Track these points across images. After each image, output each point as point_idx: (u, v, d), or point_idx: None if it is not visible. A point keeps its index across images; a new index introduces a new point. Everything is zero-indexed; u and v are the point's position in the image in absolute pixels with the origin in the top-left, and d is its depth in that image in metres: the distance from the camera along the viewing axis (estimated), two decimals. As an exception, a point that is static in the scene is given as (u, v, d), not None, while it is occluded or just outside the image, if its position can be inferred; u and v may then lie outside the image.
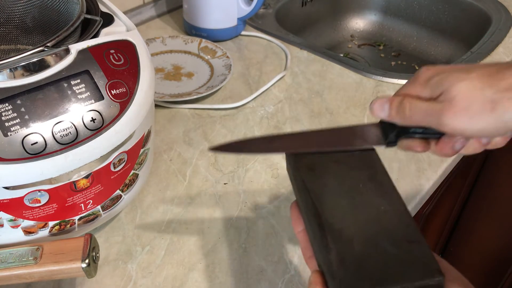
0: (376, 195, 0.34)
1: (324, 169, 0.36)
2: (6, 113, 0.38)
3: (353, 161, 0.37)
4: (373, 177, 0.36)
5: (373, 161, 0.37)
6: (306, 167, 0.37)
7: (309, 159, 0.37)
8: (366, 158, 0.37)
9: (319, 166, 0.37)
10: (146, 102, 0.45)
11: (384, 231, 0.32)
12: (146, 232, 0.54)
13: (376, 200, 0.34)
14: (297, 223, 0.37)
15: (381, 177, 0.36)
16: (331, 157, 0.37)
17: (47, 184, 0.41)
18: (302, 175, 0.36)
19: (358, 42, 1.14)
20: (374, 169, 0.36)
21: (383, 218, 0.33)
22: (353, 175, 0.36)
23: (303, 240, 0.36)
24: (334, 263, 0.30)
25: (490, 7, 0.99)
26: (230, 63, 0.77)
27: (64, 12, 0.51)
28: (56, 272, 0.39)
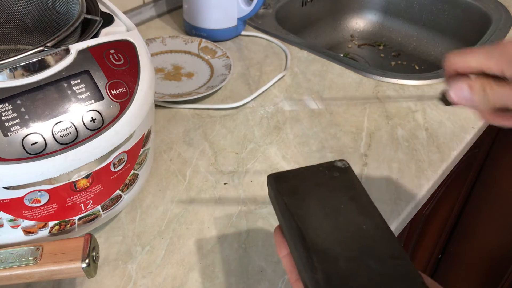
0: (358, 214, 0.36)
1: (306, 192, 0.38)
2: (6, 113, 0.38)
3: (333, 183, 0.38)
4: (354, 198, 0.37)
5: (353, 182, 0.38)
6: (288, 191, 0.38)
7: (291, 183, 0.38)
8: (345, 179, 0.39)
9: (300, 190, 0.38)
10: (146, 102, 0.45)
11: (368, 249, 0.33)
12: (146, 232, 0.54)
13: (358, 219, 0.35)
14: (282, 248, 0.37)
15: (361, 197, 0.37)
16: (312, 180, 0.38)
17: (47, 184, 0.41)
18: (285, 199, 0.37)
19: (358, 42, 1.14)
20: (353, 190, 0.38)
21: (366, 236, 0.34)
22: (334, 196, 0.37)
23: (288, 264, 0.36)
24: (320, 282, 0.31)
25: (490, 7, 0.99)
26: (230, 63, 0.77)
27: (64, 12, 0.51)
28: (56, 272, 0.39)
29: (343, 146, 0.65)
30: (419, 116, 0.71)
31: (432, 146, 0.65)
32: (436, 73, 0.80)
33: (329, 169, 0.39)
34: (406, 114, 0.71)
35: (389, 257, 0.33)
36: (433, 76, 0.79)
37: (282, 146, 0.65)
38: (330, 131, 0.68)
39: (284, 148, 0.65)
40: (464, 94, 0.35)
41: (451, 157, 0.64)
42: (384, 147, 0.65)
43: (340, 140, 0.66)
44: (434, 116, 0.71)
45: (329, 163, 0.40)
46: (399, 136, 0.67)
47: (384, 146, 0.65)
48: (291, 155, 0.64)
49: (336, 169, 0.39)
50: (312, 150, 0.65)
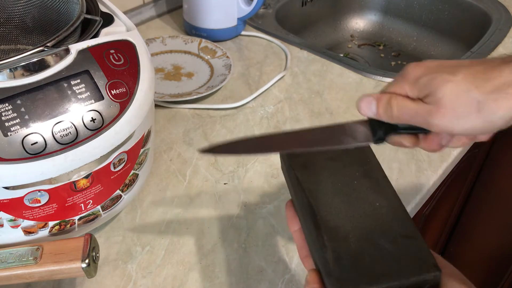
0: (371, 191, 0.35)
1: (318, 167, 0.37)
2: (6, 113, 0.38)
3: (347, 158, 0.37)
4: (368, 174, 0.36)
5: (368, 157, 0.37)
6: (301, 165, 0.37)
7: (303, 157, 0.37)
8: (360, 154, 0.37)
9: (313, 164, 0.37)
10: (146, 102, 0.45)
11: (380, 227, 0.32)
12: (146, 232, 0.54)
13: (371, 196, 0.34)
14: (293, 222, 0.37)
15: (376, 173, 0.36)
16: (325, 155, 0.37)
17: (47, 184, 0.41)
18: (297, 173, 0.36)
19: (358, 42, 1.14)
20: (368, 165, 0.37)
21: (378, 214, 0.33)
22: (348, 172, 0.36)
23: (298, 240, 0.36)
24: (330, 261, 0.30)
25: (490, 7, 0.99)
26: (230, 63, 0.77)
27: (64, 12, 0.51)
28: (56, 272, 0.39)
29: (343, 146, 0.65)
30: (419, 116, 0.70)
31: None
32: (436, 73, 0.80)
33: None
34: (406, 114, 0.71)
35: (401, 236, 0.31)
36: (433, 76, 0.79)
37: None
38: (330, 131, 0.68)
39: (284, 148, 0.65)
40: (371, 106, 0.37)
41: (451, 157, 0.64)
42: (384, 147, 0.65)
43: (340, 140, 0.66)
44: (434, 116, 0.70)
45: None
46: (399, 136, 0.67)
47: (384, 146, 0.65)
48: (291, 155, 0.64)
49: None
50: (312, 150, 0.64)
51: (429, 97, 0.33)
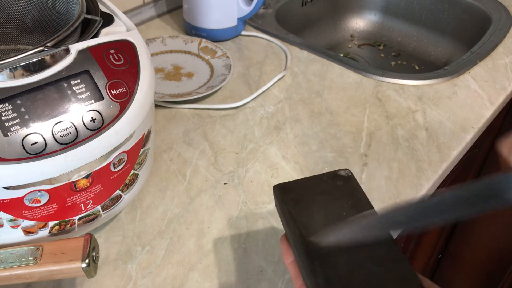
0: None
1: (309, 201, 0.39)
2: (6, 113, 0.38)
3: (336, 192, 0.40)
4: (355, 205, 0.38)
5: (355, 190, 0.40)
6: (293, 200, 0.39)
7: (295, 192, 0.40)
8: (348, 188, 0.40)
9: (305, 198, 0.39)
10: (146, 102, 0.45)
11: (368, 253, 0.35)
12: (146, 232, 0.54)
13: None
14: (287, 255, 0.38)
15: (363, 205, 0.39)
16: (315, 189, 0.40)
17: (47, 184, 0.41)
18: (289, 207, 0.39)
19: (358, 42, 1.14)
20: (355, 197, 0.39)
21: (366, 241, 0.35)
22: (337, 204, 0.39)
23: (293, 270, 0.38)
24: (322, 286, 0.33)
25: (490, 7, 0.99)
26: (230, 63, 0.77)
27: (64, 12, 0.51)
28: (56, 272, 0.39)
29: (343, 146, 0.65)
30: (419, 116, 0.71)
31: (432, 146, 0.65)
32: (436, 73, 0.80)
33: (333, 178, 0.41)
34: (406, 114, 0.71)
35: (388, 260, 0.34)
36: (433, 76, 0.79)
37: (282, 146, 0.65)
38: (330, 131, 0.68)
39: (284, 148, 0.65)
40: None
41: (451, 157, 0.64)
42: (384, 147, 0.65)
43: (340, 140, 0.66)
44: (434, 116, 0.71)
45: (333, 173, 0.41)
46: (399, 136, 0.67)
47: (384, 146, 0.65)
48: (291, 155, 0.64)
49: (339, 178, 0.41)
50: (312, 150, 0.65)
51: None
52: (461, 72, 0.80)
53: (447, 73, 0.79)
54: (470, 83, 0.78)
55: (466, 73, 0.80)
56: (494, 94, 0.75)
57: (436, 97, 0.74)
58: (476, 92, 0.76)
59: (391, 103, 0.73)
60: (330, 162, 0.62)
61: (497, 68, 0.82)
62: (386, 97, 0.74)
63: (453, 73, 0.79)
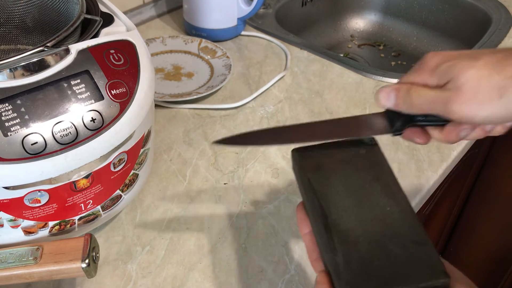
0: (382, 195, 0.34)
1: (330, 169, 0.36)
2: (6, 113, 0.38)
3: (359, 161, 0.37)
4: (379, 178, 0.36)
5: (379, 161, 0.37)
6: (313, 167, 0.36)
7: (315, 159, 0.37)
8: (371, 157, 0.37)
9: (325, 166, 0.36)
10: (146, 102, 0.45)
11: (390, 232, 0.32)
12: (146, 232, 0.54)
13: (382, 200, 0.34)
14: (303, 225, 0.36)
15: (387, 178, 0.36)
16: (337, 157, 0.37)
17: (47, 184, 0.41)
18: (309, 175, 0.36)
19: (358, 42, 1.14)
20: (380, 169, 0.36)
21: (389, 219, 0.33)
22: (360, 175, 0.36)
23: (308, 243, 0.36)
24: (340, 265, 0.31)
25: (490, 7, 0.99)
26: (230, 63, 0.77)
27: (64, 12, 0.51)
28: (56, 272, 0.39)
29: (343, 146, 0.65)
30: (419, 116, 0.70)
31: (432, 146, 0.65)
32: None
33: (356, 145, 0.38)
34: (406, 114, 0.71)
35: (411, 242, 0.32)
36: (433, 76, 0.79)
37: (282, 146, 0.65)
38: (330, 131, 0.68)
39: (284, 148, 0.65)
40: (390, 97, 0.37)
41: (451, 157, 0.64)
42: (384, 147, 0.65)
43: (340, 140, 0.66)
44: (434, 116, 0.70)
45: (357, 140, 0.38)
46: (399, 136, 0.67)
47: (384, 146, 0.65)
48: (291, 155, 0.64)
49: (363, 146, 0.38)
50: (312, 150, 0.65)
51: (449, 83, 0.33)
52: (461, 72, 0.80)
53: (447, 73, 0.79)
54: (470, 83, 0.78)
55: (466, 73, 0.80)
56: (494, 94, 0.75)
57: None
58: (476, 92, 0.76)
59: (391, 103, 0.73)
60: (330, 162, 0.62)
61: (497, 68, 0.81)
62: (386, 97, 0.74)
63: (453, 73, 0.79)
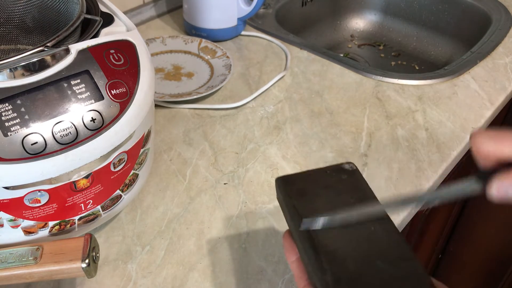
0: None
1: (314, 195, 0.38)
2: (6, 113, 0.38)
3: (341, 186, 0.38)
4: (362, 199, 0.37)
5: (360, 185, 0.39)
6: (297, 193, 0.38)
7: (299, 186, 0.38)
8: (353, 182, 0.39)
9: (309, 192, 0.38)
10: (146, 102, 0.45)
11: (377, 250, 0.34)
12: (146, 232, 0.54)
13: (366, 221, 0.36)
14: (291, 252, 0.37)
15: (369, 200, 0.37)
16: (320, 183, 0.39)
17: (47, 184, 0.41)
18: (294, 201, 0.37)
19: (358, 42, 1.14)
20: (362, 192, 0.38)
21: (374, 238, 0.34)
22: (342, 198, 0.37)
23: (296, 269, 0.36)
24: (330, 283, 0.32)
25: (490, 7, 0.99)
26: (230, 63, 0.77)
27: (64, 12, 0.51)
28: (56, 272, 0.39)
29: (343, 146, 0.65)
30: (419, 116, 0.71)
31: (432, 146, 0.65)
32: (436, 73, 0.80)
33: (337, 172, 0.40)
34: (406, 114, 0.71)
35: (397, 258, 0.33)
36: (433, 76, 0.79)
37: (282, 146, 0.65)
38: (330, 131, 0.68)
39: (284, 148, 0.65)
40: (508, 191, 0.30)
41: (451, 157, 0.64)
42: (384, 147, 0.65)
43: (340, 140, 0.66)
44: (434, 116, 0.71)
45: (337, 166, 0.40)
46: (399, 136, 0.67)
47: (384, 146, 0.65)
48: (291, 155, 0.64)
49: (343, 172, 0.40)
50: (312, 150, 0.65)
51: None
52: (461, 72, 0.80)
53: (447, 73, 0.79)
54: (470, 83, 0.78)
55: (466, 73, 0.80)
56: (494, 94, 0.75)
57: (436, 97, 0.74)
58: (476, 92, 0.76)
59: (391, 103, 0.73)
60: (330, 162, 0.62)
61: (497, 68, 0.82)
62: (386, 97, 0.74)
63: (453, 73, 0.79)
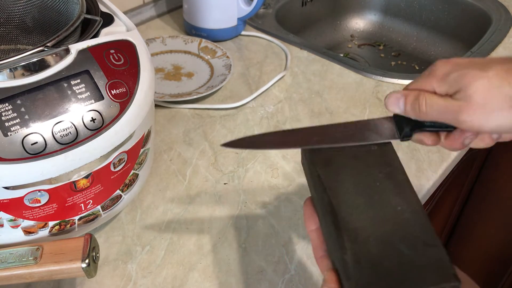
0: (393, 194, 0.34)
1: (341, 165, 0.36)
2: (6, 113, 0.38)
3: (370, 158, 0.36)
4: (391, 176, 0.35)
5: (391, 159, 0.36)
6: (323, 162, 0.36)
7: (326, 154, 0.36)
8: (383, 155, 0.37)
9: (336, 162, 0.36)
10: (146, 102, 0.45)
11: (401, 232, 0.32)
12: (146, 232, 0.54)
13: (393, 199, 0.33)
14: (311, 221, 0.36)
15: (399, 176, 0.35)
16: (348, 152, 0.36)
17: (47, 184, 0.41)
18: (319, 170, 0.35)
19: (358, 42, 1.14)
20: (391, 167, 0.36)
21: (399, 219, 0.32)
22: (371, 172, 0.35)
23: (315, 239, 0.35)
24: (349, 264, 0.30)
25: (490, 7, 0.99)
26: (230, 63, 0.77)
27: (64, 12, 0.51)
28: (56, 272, 0.39)
29: (343, 146, 0.65)
30: (419, 116, 0.70)
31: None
32: (436, 73, 0.80)
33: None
34: (406, 114, 0.71)
35: (422, 243, 0.31)
36: (433, 76, 0.79)
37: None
38: (330, 131, 0.68)
39: (284, 148, 0.65)
40: (399, 103, 0.37)
41: (451, 157, 0.64)
42: (384, 147, 0.65)
43: (340, 140, 0.66)
44: (434, 116, 0.70)
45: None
46: (399, 136, 0.67)
47: (384, 146, 0.65)
48: (291, 155, 0.64)
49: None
50: (312, 150, 0.64)
51: (459, 93, 0.33)
52: (461, 72, 0.80)
53: (447, 73, 0.79)
54: (470, 83, 0.78)
55: (466, 73, 0.80)
56: (494, 94, 0.75)
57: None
58: (476, 92, 0.76)
59: (391, 103, 0.73)
60: (330, 162, 0.62)
61: (497, 68, 0.81)
62: (386, 97, 0.74)
63: (453, 73, 0.79)
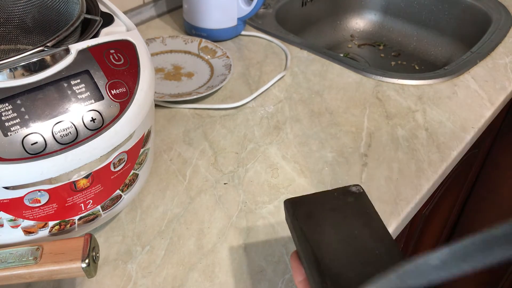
0: (371, 240, 0.37)
1: (321, 218, 0.39)
2: (6, 113, 0.38)
3: (348, 209, 0.40)
4: (367, 223, 0.38)
5: (367, 208, 0.40)
6: (304, 216, 0.39)
7: (307, 208, 0.40)
8: (359, 205, 0.40)
9: (316, 215, 0.39)
10: (146, 102, 0.45)
11: (380, 273, 0.34)
12: (146, 232, 0.54)
13: (371, 244, 0.37)
14: (298, 273, 0.38)
15: (375, 223, 0.39)
16: (327, 206, 0.40)
17: (47, 184, 0.41)
18: (301, 224, 0.38)
19: (358, 42, 1.14)
20: (367, 215, 0.39)
21: (378, 262, 0.35)
22: (349, 222, 0.39)
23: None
24: None
25: (490, 7, 0.99)
26: (230, 63, 0.77)
27: (64, 12, 0.51)
28: (56, 272, 0.39)
29: (343, 146, 0.65)
30: (419, 116, 0.71)
31: (432, 146, 0.65)
32: (436, 73, 0.80)
33: (344, 194, 0.41)
34: (406, 114, 0.71)
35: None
36: (433, 76, 0.79)
37: (282, 146, 0.65)
38: (330, 131, 0.68)
39: (284, 148, 0.65)
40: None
41: (451, 157, 0.64)
42: (384, 147, 0.65)
43: (340, 140, 0.66)
44: (434, 116, 0.71)
45: (344, 188, 0.41)
46: (399, 136, 0.67)
47: (384, 146, 0.65)
48: (291, 155, 0.64)
49: (350, 194, 0.41)
50: (312, 150, 0.65)
51: None
52: (461, 72, 0.80)
53: (447, 73, 0.79)
54: (470, 83, 0.78)
55: (466, 73, 0.80)
56: (494, 94, 0.75)
57: (436, 97, 0.74)
58: (476, 92, 0.76)
59: (391, 103, 0.73)
60: (330, 162, 0.62)
61: (497, 68, 0.82)
62: (386, 97, 0.74)
63: (453, 73, 0.79)
